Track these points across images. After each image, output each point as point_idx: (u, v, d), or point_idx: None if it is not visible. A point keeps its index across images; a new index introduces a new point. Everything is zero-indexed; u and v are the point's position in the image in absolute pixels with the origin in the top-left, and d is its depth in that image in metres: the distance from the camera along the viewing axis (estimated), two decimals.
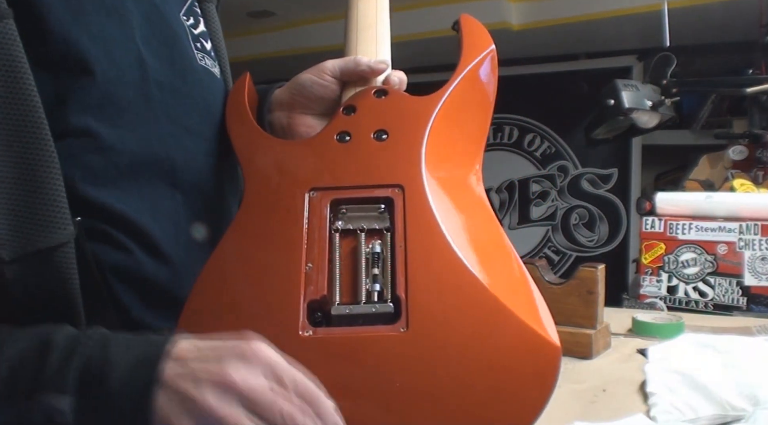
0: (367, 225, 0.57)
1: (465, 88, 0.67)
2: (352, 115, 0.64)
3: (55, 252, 0.52)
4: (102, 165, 0.58)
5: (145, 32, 0.63)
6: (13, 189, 0.51)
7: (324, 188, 0.59)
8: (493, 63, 0.70)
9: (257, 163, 0.64)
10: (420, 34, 2.78)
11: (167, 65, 0.65)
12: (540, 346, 0.50)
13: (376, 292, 0.54)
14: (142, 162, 0.61)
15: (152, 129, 0.62)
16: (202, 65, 0.71)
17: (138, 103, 0.61)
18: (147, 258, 0.60)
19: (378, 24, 0.72)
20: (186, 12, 0.71)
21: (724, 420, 0.68)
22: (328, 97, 0.70)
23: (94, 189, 0.57)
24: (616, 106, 1.43)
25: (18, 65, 0.51)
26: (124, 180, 0.59)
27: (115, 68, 0.59)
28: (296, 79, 0.72)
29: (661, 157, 3.11)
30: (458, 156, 0.64)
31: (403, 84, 0.68)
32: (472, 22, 0.72)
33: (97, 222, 0.57)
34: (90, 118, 0.57)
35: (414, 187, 0.58)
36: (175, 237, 0.63)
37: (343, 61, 0.69)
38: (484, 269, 0.54)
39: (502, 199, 3.37)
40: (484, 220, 0.59)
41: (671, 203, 1.36)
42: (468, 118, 0.67)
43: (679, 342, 0.91)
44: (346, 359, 0.51)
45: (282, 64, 3.33)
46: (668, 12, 1.70)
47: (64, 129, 0.55)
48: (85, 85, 0.57)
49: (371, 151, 0.61)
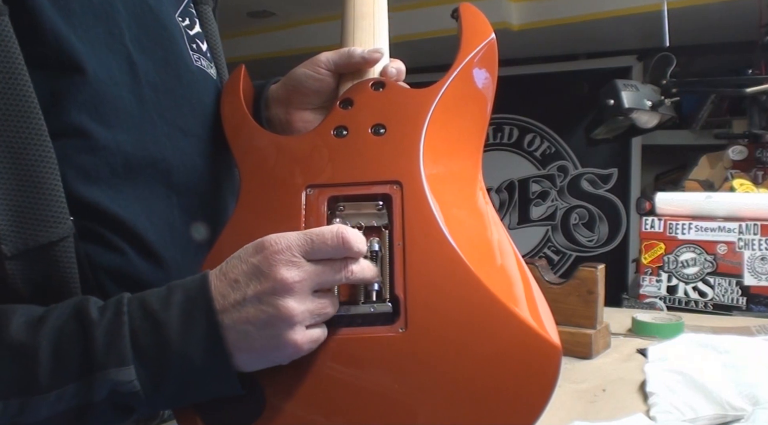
0: (365, 223, 0.56)
1: (464, 79, 0.65)
2: (350, 108, 0.63)
3: (56, 246, 0.52)
4: (96, 165, 0.57)
5: (136, 33, 0.63)
6: (13, 185, 0.51)
7: (321, 185, 0.58)
8: (493, 52, 0.68)
9: (253, 159, 0.63)
10: (420, 34, 2.78)
11: (161, 66, 0.65)
12: (540, 346, 0.50)
13: (375, 292, 0.53)
14: (136, 163, 0.60)
15: (147, 130, 0.62)
16: (198, 66, 0.70)
17: (132, 104, 0.61)
18: (140, 259, 0.60)
19: (375, 14, 0.71)
20: (181, 13, 0.71)
21: (724, 419, 0.68)
22: (325, 90, 0.69)
23: (88, 189, 0.57)
24: (616, 106, 1.43)
25: (15, 62, 0.51)
26: (118, 181, 0.59)
27: (104, 69, 0.59)
28: (291, 73, 0.72)
29: (661, 157, 3.11)
30: (457, 150, 0.63)
31: (401, 74, 0.67)
32: (471, 11, 0.70)
33: (91, 223, 0.57)
34: (84, 117, 0.57)
35: (412, 184, 0.57)
36: (170, 238, 0.63)
37: (337, 54, 0.68)
38: (484, 267, 0.53)
39: (502, 199, 3.37)
40: (484, 217, 0.59)
41: (671, 203, 1.36)
42: (467, 110, 0.65)
43: (678, 342, 0.91)
44: (345, 360, 0.51)
45: (282, 64, 3.32)
46: (668, 12, 1.70)
47: (59, 128, 0.55)
48: (79, 84, 0.57)
49: (369, 147, 0.60)
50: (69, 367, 0.47)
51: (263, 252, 0.49)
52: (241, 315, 0.48)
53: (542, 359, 0.50)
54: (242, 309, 0.48)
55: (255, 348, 0.48)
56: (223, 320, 0.48)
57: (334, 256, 0.50)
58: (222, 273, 0.50)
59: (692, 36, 2.64)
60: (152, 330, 0.48)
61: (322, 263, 0.49)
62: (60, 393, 0.46)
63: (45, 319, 0.49)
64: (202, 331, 0.47)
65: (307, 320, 0.49)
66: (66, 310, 0.49)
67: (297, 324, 0.48)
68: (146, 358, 0.47)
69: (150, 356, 0.47)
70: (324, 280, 0.49)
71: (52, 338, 0.47)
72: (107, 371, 0.46)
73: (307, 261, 0.49)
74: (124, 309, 0.48)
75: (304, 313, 0.48)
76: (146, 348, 0.47)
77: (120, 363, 0.46)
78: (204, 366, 0.47)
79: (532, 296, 0.54)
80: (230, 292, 0.48)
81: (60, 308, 0.50)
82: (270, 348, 0.48)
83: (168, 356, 0.47)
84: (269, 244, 0.49)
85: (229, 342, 0.48)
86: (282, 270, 0.48)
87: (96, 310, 0.49)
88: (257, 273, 0.48)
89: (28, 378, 0.46)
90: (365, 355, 0.51)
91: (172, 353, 0.47)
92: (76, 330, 0.48)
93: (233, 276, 0.49)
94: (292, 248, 0.49)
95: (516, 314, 0.51)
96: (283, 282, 0.47)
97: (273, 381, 0.51)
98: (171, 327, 0.47)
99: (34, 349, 0.47)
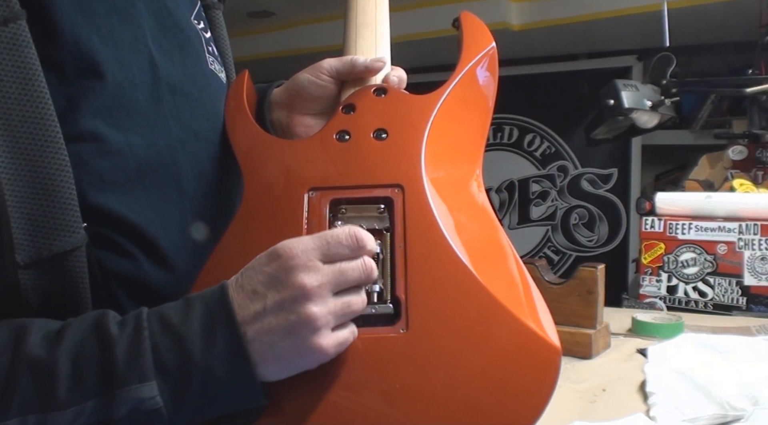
0: (366, 226, 0.56)
1: (465, 86, 0.66)
2: (352, 113, 0.64)
3: (69, 256, 0.52)
4: (110, 170, 0.57)
5: (157, 35, 0.63)
6: (28, 193, 0.50)
7: (323, 188, 0.58)
8: (494, 61, 0.69)
9: (256, 162, 0.63)
10: (420, 34, 2.78)
11: (179, 68, 0.65)
12: (540, 348, 0.50)
13: (376, 293, 0.53)
14: (148, 167, 0.60)
15: (161, 133, 0.61)
16: (212, 69, 0.70)
17: (148, 107, 0.60)
18: (151, 266, 0.59)
19: (377, 22, 0.71)
20: (196, 16, 0.71)
21: (724, 419, 0.68)
22: (327, 96, 0.69)
23: (101, 195, 0.56)
24: (616, 106, 1.43)
25: (32, 68, 0.50)
26: (131, 185, 0.58)
27: (125, 70, 0.59)
28: (294, 78, 0.72)
29: (661, 157, 3.11)
30: (458, 155, 0.64)
31: (402, 82, 0.67)
32: (472, 20, 0.71)
33: (103, 228, 0.56)
34: (99, 121, 0.56)
35: (414, 187, 0.58)
36: (182, 244, 0.63)
37: (340, 61, 0.68)
38: (484, 270, 0.53)
39: (502, 199, 3.37)
40: (484, 221, 0.59)
41: (671, 203, 1.37)
42: (468, 116, 0.66)
43: (678, 342, 0.91)
44: (346, 360, 0.51)
45: (282, 64, 3.33)
46: (668, 12, 1.70)
47: (74, 133, 0.54)
48: (96, 88, 0.56)
49: (371, 151, 0.60)
50: (88, 384, 0.46)
51: (278, 260, 0.48)
52: (263, 325, 0.47)
53: (542, 360, 0.50)
54: (264, 319, 0.47)
55: (281, 358, 0.48)
56: (246, 332, 0.47)
57: (350, 257, 0.50)
58: (239, 286, 0.49)
59: (692, 36, 2.64)
60: (174, 344, 0.47)
61: (339, 264, 0.49)
62: (78, 410, 0.45)
63: (63, 335, 0.48)
64: (225, 344, 0.47)
65: (332, 322, 0.48)
66: (84, 325, 0.48)
67: (321, 329, 0.47)
68: (168, 374, 0.46)
69: (172, 371, 0.46)
70: (343, 280, 0.49)
71: (71, 354, 0.46)
72: (128, 387, 0.45)
73: (324, 264, 0.48)
74: (144, 324, 0.48)
75: (326, 316, 0.47)
76: (168, 363, 0.46)
77: (142, 380, 0.46)
78: (228, 379, 0.47)
79: (531, 298, 0.54)
80: (249, 304, 0.48)
81: (78, 323, 0.49)
82: (296, 356, 0.48)
83: (191, 370, 0.46)
84: (283, 251, 0.48)
85: (254, 353, 0.47)
86: (300, 276, 0.47)
87: (115, 326, 0.48)
88: (275, 282, 0.48)
89: (46, 395, 0.45)
90: (366, 355, 0.51)
91: (195, 367, 0.46)
92: (95, 346, 0.47)
93: (251, 287, 0.48)
94: (308, 252, 0.48)
95: (516, 316, 0.51)
96: (303, 288, 0.47)
97: (274, 381, 0.50)
98: (193, 341, 0.47)
99: (52, 365, 0.46)
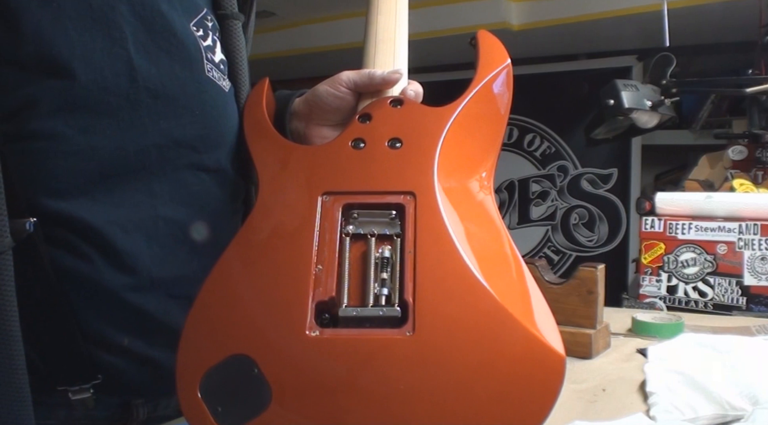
0: (377, 231, 0.58)
1: (480, 100, 0.68)
2: (368, 123, 0.65)
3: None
4: (67, 170, 0.57)
5: (142, 38, 0.63)
6: None
7: (337, 192, 0.60)
8: (509, 78, 0.71)
9: (272, 165, 0.65)
10: (420, 34, 2.78)
11: (166, 73, 0.64)
12: (545, 356, 0.51)
13: (384, 296, 0.54)
14: (113, 170, 0.60)
15: (133, 137, 0.61)
16: (209, 77, 0.70)
17: (121, 110, 0.60)
18: (109, 268, 0.59)
19: (397, 39, 0.73)
20: (196, 23, 0.71)
21: (724, 419, 0.68)
22: (344, 108, 0.71)
23: (57, 195, 0.56)
24: (616, 106, 1.43)
25: None
26: (91, 187, 0.58)
27: (95, 72, 0.58)
28: (313, 90, 0.73)
29: (660, 157, 3.11)
30: (470, 166, 0.65)
31: (419, 96, 0.69)
32: (489, 37, 0.74)
33: (58, 229, 0.56)
34: (60, 121, 0.56)
35: (425, 195, 0.59)
36: (146, 248, 0.62)
37: (358, 74, 0.70)
38: (492, 277, 0.54)
39: (502, 199, 3.37)
40: (493, 230, 0.60)
41: (671, 203, 1.37)
42: (481, 130, 0.68)
43: (678, 341, 0.91)
44: (352, 360, 0.51)
45: (282, 64, 3.33)
46: (668, 12, 1.70)
47: (30, 131, 0.54)
48: (59, 88, 0.56)
49: (385, 158, 0.62)
50: None
51: None
52: None
53: (546, 368, 0.51)
54: None
55: None
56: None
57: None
58: None
59: (692, 36, 2.64)
60: None
61: None
62: None
63: None
64: None
65: None
66: None
67: None
68: None
69: None
70: None
71: None
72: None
73: None
74: None
75: None
76: None
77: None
78: None
79: (537, 306, 0.55)
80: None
81: None
82: None
83: None
84: None
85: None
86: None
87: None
88: None
89: None
90: (372, 356, 0.52)
91: None
92: None
93: None
94: None
95: (521, 324, 0.52)
96: None
97: (280, 378, 0.51)
98: None
99: None
